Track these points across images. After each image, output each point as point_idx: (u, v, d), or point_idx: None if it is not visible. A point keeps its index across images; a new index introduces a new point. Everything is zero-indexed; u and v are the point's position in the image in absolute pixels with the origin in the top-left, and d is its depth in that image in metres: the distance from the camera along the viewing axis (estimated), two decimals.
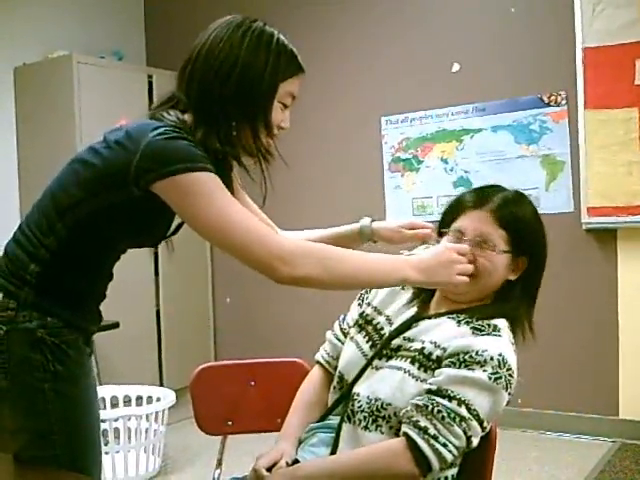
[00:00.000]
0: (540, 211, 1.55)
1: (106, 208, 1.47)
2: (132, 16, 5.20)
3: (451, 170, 4.16)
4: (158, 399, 3.53)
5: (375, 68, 4.38)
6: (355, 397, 1.49)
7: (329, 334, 1.77)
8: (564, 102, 3.80)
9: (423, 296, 1.60)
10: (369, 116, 4.39)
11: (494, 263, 1.49)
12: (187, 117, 1.51)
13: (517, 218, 1.52)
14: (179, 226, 1.64)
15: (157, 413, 3.36)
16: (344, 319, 1.74)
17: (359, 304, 1.71)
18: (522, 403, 3.89)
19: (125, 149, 1.42)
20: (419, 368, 1.43)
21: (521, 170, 3.93)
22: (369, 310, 1.65)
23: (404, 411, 1.38)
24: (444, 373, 1.37)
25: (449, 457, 1.33)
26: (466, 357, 1.37)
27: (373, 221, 1.81)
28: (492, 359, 1.36)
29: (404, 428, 1.36)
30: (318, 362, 1.75)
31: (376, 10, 4.37)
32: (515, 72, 3.96)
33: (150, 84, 4.62)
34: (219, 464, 2.10)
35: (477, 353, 1.36)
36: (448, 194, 4.15)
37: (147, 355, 4.57)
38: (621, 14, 3.55)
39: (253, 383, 2.12)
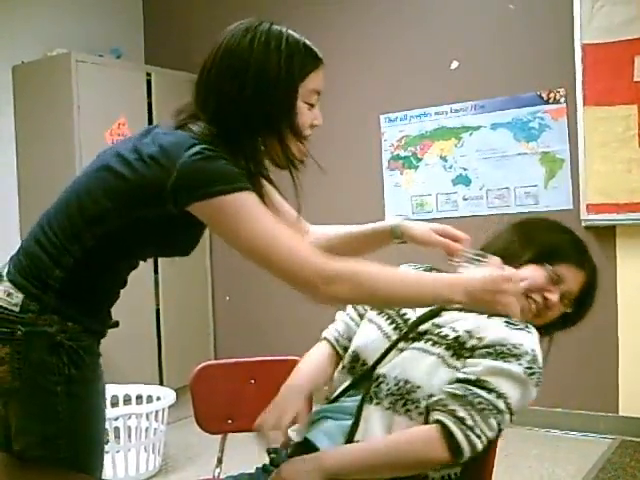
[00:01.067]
0: (539, 208, 1.57)
1: (138, 222, 1.44)
2: (131, 14, 5.19)
3: (450, 168, 4.15)
4: (158, 398, 3.54)
5: (374, 66, 4.38)
6: (380, 379, 1.47)
7: (341, 314, 1.73)
8: (563, 99, 3.80)
9: None
10: (368, 114, 4.39)
11: (555, 313, 1.57)
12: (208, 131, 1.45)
13: (593, 289, 1.62)
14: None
15: (157, 412, 3.36)
16: None
17: None
18: None
19: (160, 166, 1.39)
20: (452, 356, 1.43)
21: (520, 167, 3.93)
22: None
23: (436, 399, 1.37)
24: (482, 364, 1.38)
25: (480, 447, 1.34)
26: (503, 349, 1.38)
27: (405, 219, 1.73)
28: (527, 354, 1.39)
29: (438, 416, 1.35)
30: (326, 339, 1.71)
31: (375, 9, 4.36)
32: (514, 69, 3.95)
33: (149, 82, 4.61)
34: (219, 462, 2.10)
35: (514, 346, 1.39)
36: (447, 192, 4.15)
37: (147, 354, 4.57)
38: (620, 11, 3.55)
39: (253, 381, 2.12)
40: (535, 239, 1.64)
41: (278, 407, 1.50)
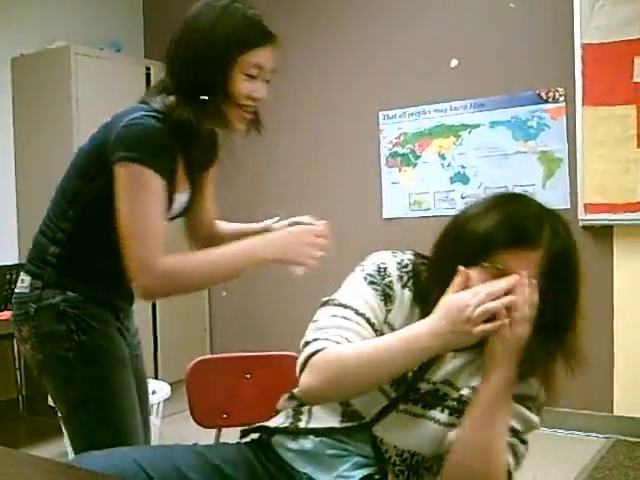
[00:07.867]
0: None
1: (105, 189, 1.58)
2: (131, 8, 5.19)
3: (448, 165, 4.15)
4: (153, 392, 3.53)
5: (374, 63, 4.38)
6: (382, 445, 1.34)
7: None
8: (562, 98, 3.80)
9: None
10: (367, 111, 4.38)
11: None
12: (173, 98, 1.63)
13: (563, 259, 1.39)
14: (186, 208, 1.78)
15: (152, 406, 3.36)
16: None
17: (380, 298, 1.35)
18: None
19: (108, 128, 1.61)
20: (451, 414, 1.32)
21: (518, 166, 3.93)
22: (387, 330, 1.34)
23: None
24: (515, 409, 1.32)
25: None
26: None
27: (277, 222, 1.89)
28: (537, 399, 1.40)
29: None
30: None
31: (375, 5, 4.36)
32: (514, 68, 3.95)
33: (148, 76, 4.61)
34: None
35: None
36: (445, 189, 4.16)
37: (143, 348, 4.56)
38: (620, 11, 3.55)
39: (248, 376, 2.12)
40: (463, 234, 1.30)
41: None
